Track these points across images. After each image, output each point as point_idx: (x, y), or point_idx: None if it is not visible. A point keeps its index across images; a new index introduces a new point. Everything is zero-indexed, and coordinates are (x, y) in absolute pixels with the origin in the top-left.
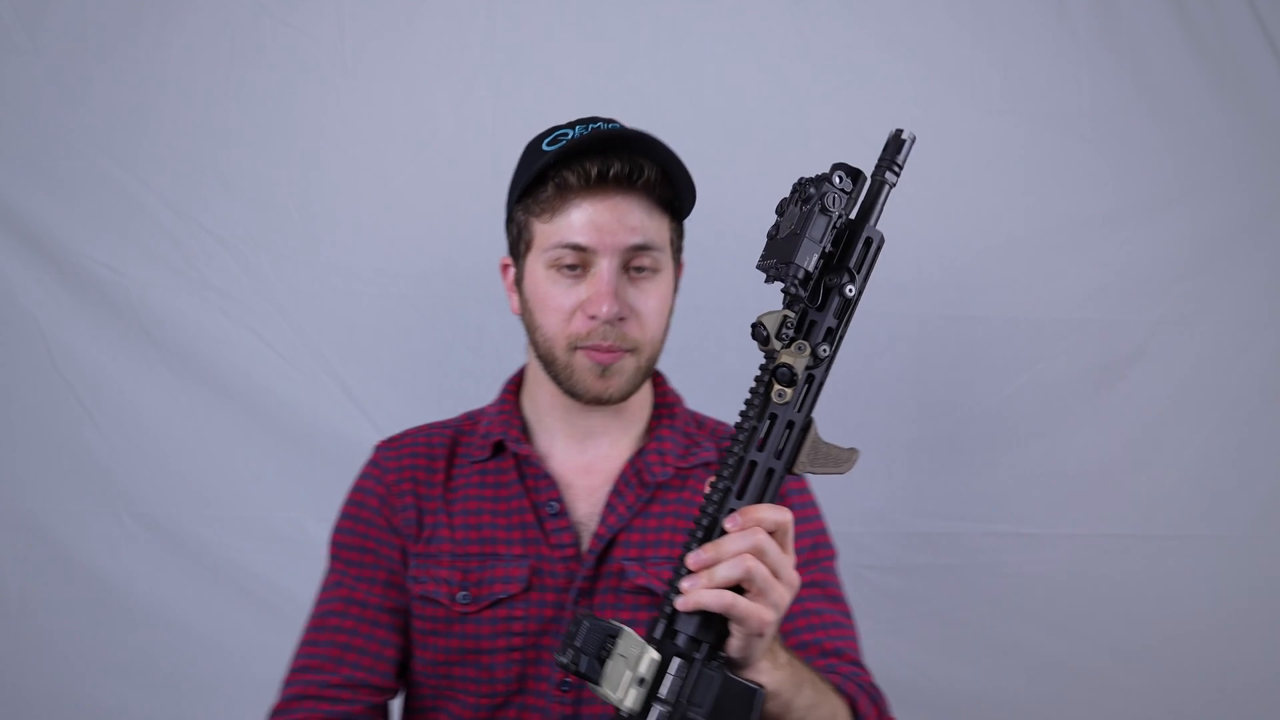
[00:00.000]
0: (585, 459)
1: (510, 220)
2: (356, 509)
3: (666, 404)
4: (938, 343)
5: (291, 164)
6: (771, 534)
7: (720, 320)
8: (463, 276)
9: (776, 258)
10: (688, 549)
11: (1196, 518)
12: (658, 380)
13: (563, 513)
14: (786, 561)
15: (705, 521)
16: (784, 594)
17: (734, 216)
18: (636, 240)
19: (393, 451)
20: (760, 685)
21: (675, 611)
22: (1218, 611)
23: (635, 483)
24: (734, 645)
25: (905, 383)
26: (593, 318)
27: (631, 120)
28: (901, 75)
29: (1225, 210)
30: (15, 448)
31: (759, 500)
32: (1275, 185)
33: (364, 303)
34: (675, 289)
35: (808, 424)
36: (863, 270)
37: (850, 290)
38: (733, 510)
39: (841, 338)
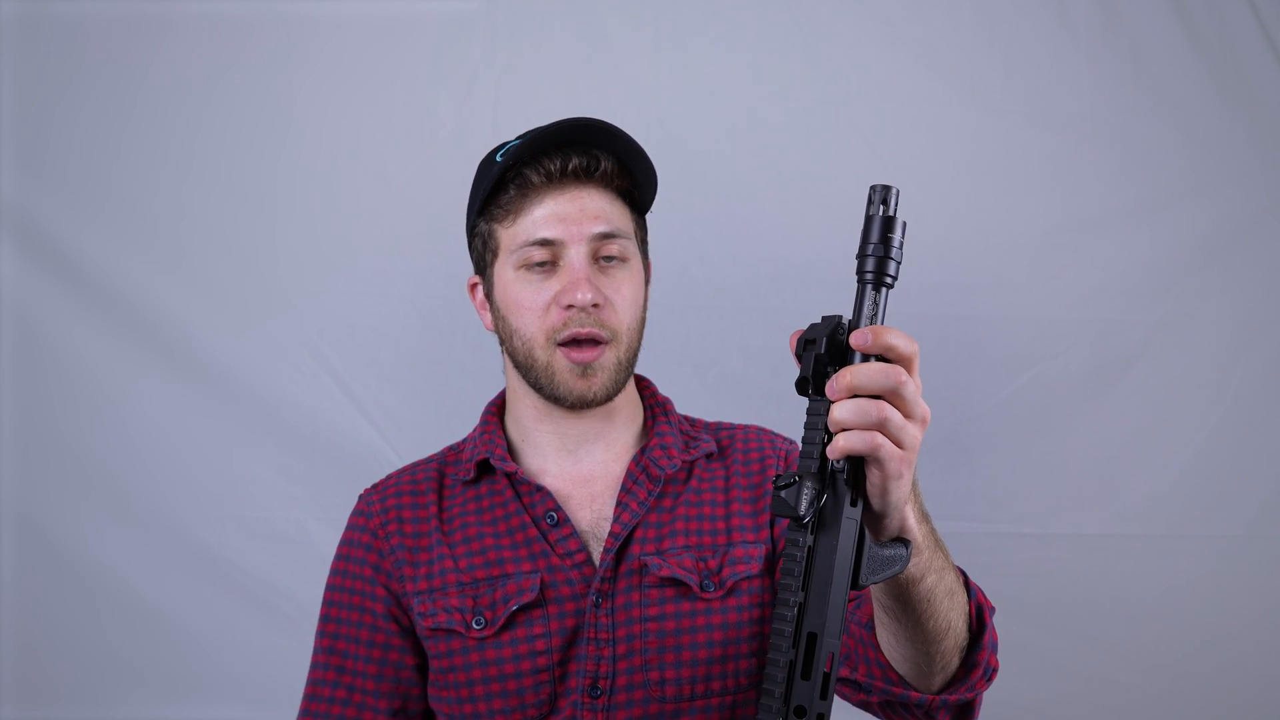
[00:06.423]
0: (581, 469)
1: (473, 235)
2: (344, 563)
3: (659, 402)
4: (938, 343)
5: (293, 164)
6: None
7: (720, 320)
8: (463, 276)
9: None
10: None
11: (1196, 518)
12: (645, 385)
13: (564, 521)
14: (919, 399)
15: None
16: (915, 434)
17: (734, 217)
18: (602, 228)
19: (376, 495)
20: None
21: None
22: (1217, 611)
23: (644, 479)
24: (874, 490)
25: None
26: (569, 307)
27: (632, 121)
28: (902, 75)
29: (1224, 210)
30: (15, 448)
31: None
32: (1274, 184)
33: (364, 302)
34: (647, 289)
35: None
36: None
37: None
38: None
39: None
